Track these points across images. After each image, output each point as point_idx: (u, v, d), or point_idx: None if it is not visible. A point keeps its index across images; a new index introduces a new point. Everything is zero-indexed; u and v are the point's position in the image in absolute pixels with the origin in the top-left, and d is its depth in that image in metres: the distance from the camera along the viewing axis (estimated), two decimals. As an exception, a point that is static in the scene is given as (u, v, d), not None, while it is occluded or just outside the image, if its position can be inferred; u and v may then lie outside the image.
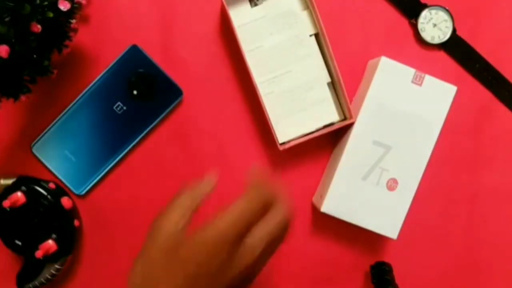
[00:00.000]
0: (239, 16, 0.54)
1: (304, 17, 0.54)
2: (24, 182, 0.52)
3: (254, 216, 0.36)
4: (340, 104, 0.55)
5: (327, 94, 0.55)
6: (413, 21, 0.58)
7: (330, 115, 0.55)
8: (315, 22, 0.54)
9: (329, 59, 0.54)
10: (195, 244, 0.34)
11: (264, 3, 0.54)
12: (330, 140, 0.58)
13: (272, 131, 0.53)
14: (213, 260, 0.34)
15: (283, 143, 0.54)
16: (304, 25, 0.54)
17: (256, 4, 0.54)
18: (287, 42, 0.54)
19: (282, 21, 0.54)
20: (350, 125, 0.53)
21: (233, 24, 0.52)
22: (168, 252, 0.35)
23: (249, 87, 0.56)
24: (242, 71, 0.56)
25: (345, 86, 0.58)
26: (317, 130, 0.54)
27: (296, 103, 0.54)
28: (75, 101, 0.56)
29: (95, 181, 0.56)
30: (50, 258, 0.52)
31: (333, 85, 0.55)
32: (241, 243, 0.35)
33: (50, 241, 0.52)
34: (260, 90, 0.53)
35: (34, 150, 0.56)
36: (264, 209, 0.37)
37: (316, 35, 0.55)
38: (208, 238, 0.34)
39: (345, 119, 0.55)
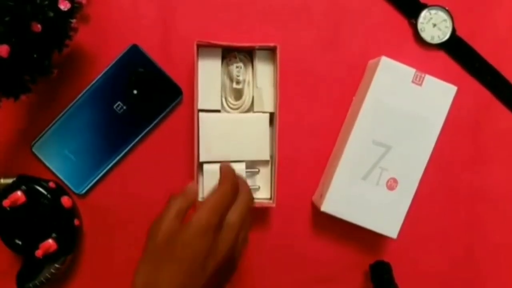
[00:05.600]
0: (206, 69, 0.54)
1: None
2: (24, 181, 0.52)
3: (228, 202, 0.42)
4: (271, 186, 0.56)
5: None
6: (412, 21, 0.58)
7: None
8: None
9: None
10: (186, 235, 0.40)
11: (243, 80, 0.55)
12: (330, 139, 0.58)
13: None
14: (202, 246, 0.40)
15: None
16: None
17: (238, 82, 0.55)
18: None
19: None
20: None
21: (198, 75, 0.54)
22: (165, 247, 0.40)
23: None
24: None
25: (345, 86, 0.58)
26: None
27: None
28: (75, 100, 0.56)
29: (95, 180, 0.56)
30: (50, 258, 0.52)
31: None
32: (222, 227, 0.41)
33: (50, 240, 0.52)
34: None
35: (34, 150, 0.56)
36: (235, 196, 0.43)
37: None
38: (195, 227, 0.40)
39: (270, 199, 0.56)
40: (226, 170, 0.44)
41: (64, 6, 0.45)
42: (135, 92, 0.56)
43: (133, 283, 0.41)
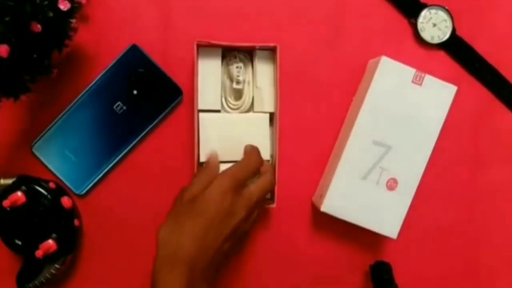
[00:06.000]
0: (206, 69, 0.54)
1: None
2: (24, 181, 0.52)
3: (249, 172, 0.48)
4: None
5: None
6: (412, 20, 0.58)
7: None
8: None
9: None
10: (208, 194, 0.46)
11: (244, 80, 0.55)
12: (330, 139, 0.58)
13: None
14: (222, 204, 0.45)
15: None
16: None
17: (238, 82, 0.55)
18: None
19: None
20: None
21: (197, 75, 0.53)
22: (189, 204, 0.46)
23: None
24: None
25: (345, 86, 0.58)
26: None
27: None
28: (75, 100, 0.56)
29: (95, 180, 0.56)
30: (50, 258, 0.52)
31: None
32: (241, 193, 0.47)
33: (50, 241, 0.52)
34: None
35: (34, 150, 0.56)
36: (256, 170, 0.50)
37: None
38: (217, 187, 0.46)
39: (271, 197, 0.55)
40: (251, 149, 0.51)
41: (64, 6, 0.45)
42: (135, 92, 0.56)
43: (157, 236, 0.46)
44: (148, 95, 0.56)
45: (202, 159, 0.54)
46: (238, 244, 0.50)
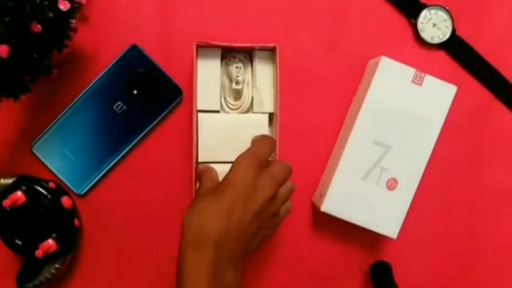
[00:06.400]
0: (206, 69, 0.54)
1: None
2: (24, 181, 0.52)
3: (267, 151, 0.49)
4: None
5: None
6: (412, 20, 0.58)
7: None
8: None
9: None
10: (229, 175, 0.46)
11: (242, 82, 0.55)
12: (330, 140, 0.58)
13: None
14: (243, 182, 0.44)
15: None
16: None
17: (237, 82, 0.54)
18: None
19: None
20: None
21: (197, 75, 0.53)
22: (212, 187, 0.47)
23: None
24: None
25: (345, 86, 0.58)
26: None
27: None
28: (75, 100, 0.56)
29: (95, 180, 0.56)
30: (50, 258, 0.52)
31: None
32: (262, 173, 0.46)
33: (50, 241, 0.52)
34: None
35: (34, 150, 0.56)
36: (273, 147, 0.50)
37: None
38: (237, 168, 0.46)
39: None
40: (262, 135, 0.52)
41: (63, 6, 0.45)
42: (135, 92, 0.56)
43: (181, 222, 0.44)
44: (148, 95, 0.56)
45: (201, 159, 0.54)
46: (269, 230, 0.48)
